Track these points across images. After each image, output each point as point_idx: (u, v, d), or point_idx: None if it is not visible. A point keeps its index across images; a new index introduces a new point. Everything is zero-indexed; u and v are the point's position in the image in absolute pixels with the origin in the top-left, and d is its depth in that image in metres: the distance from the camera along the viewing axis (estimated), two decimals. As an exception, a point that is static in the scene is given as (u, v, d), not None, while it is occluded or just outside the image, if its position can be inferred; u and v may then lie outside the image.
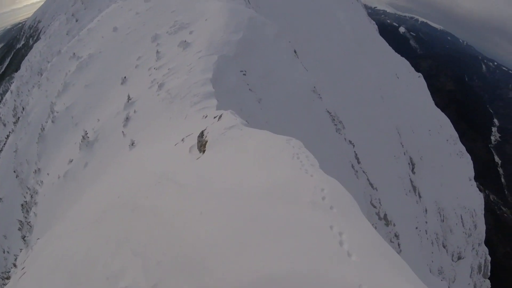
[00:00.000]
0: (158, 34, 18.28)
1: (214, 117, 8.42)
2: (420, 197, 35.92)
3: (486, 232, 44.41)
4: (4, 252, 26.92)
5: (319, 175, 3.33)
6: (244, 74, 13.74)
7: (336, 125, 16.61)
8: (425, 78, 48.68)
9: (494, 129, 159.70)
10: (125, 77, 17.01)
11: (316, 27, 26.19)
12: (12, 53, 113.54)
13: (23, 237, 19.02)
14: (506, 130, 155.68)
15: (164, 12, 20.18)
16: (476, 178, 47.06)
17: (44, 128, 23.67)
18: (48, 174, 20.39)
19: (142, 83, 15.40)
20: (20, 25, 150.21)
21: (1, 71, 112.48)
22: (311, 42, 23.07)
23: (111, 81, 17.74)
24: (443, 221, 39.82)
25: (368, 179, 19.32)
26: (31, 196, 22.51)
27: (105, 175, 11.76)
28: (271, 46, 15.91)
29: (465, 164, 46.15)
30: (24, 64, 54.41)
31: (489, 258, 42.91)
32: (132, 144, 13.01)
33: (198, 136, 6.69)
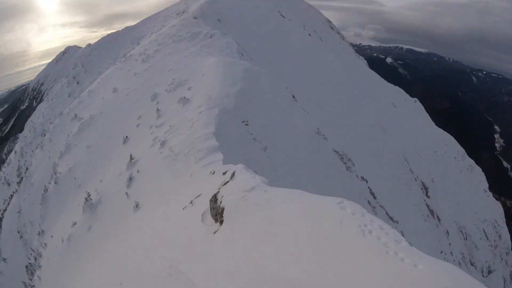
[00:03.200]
0: (157, 93, 18.60)
1: (223, 173, 7.88)
2: (439, 220, 34.61)
3: (512, 240, 42.56)
4: None
5: (427, 264, 2.31)
6: (247, 125, 13.64)
7: (345, 163, 16.22)
8: (420, 101, 49.38)
9: (496, 136, 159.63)
10: (126, 137, 16.98)
11: (309, 71, 26.85)
12: (17, 114, 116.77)
13: None
14: (508, 134, 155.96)
15: (161, 71, 20.76)
16: (490, 188, 46.11)
17: (47, 190, 23.33)
18: (52, 236, 19.71)
19: (144, 141, 15.30)
20: (24, 87, 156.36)
21: (6, 131, 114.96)
22: (306, 86, 23.48)
23: (113, 141, 17.70)
24: (466, 239, 38.15)
25: (387, 213, 18.48)
26: (35, 259, 21.60)
27: (108, 244, 10.99)
28: (269, 94, 16.04)
29: (478, 177, 45.48)
30: (28, 125, 55.57)
31: (519, 266, 40.54)
32: (136, 206, 12.55)
33: (211, 201, 5.64)
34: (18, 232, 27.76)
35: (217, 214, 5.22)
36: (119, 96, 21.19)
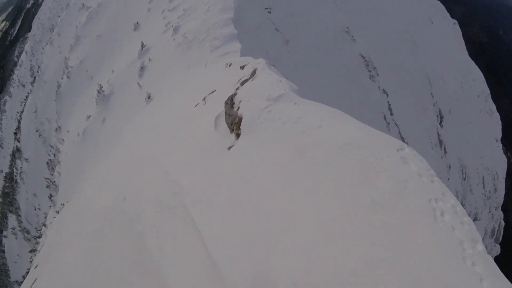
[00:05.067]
0: (169, -28, 16.50)
1: (241, 67, 7.03)
2: (445, 152, 34.53)
3: (504, 197, 43.21)
4: (35, 209, 28.56)
5: None
6: (269, 12, 12.20)
7: (370, 71, 15.05)
8: (457, 26, 44.31)
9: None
10: (137, 23, 15.76)
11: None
12: (23, 14, 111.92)
13: (50, 196, 19.61)
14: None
15: None
16: (501, 139, 44.81)
17: (60, 85, 23.32)
18: (68, 131, 20.40)
19: (156, 27, 14.18)
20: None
21: (15, 33, 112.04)
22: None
23: (123, 28, 16.56)
24: (464, 179, 38.69)
25: (399, 133, 18.02)
26: (54, 155, 22.93)
27: (120, 141, 10.64)
28: (298, -20, 13.97)
29: (494, 124, 43.78)
30: (35, 23, 53.38)
31: (503, 223, 42.05)
32: (148, 98, 12.28)
33: (226, 104, 4.66)
34: (37, 131, 28.94)
35: (233, 123, 4.28)
36: (127, -22, 19.08)
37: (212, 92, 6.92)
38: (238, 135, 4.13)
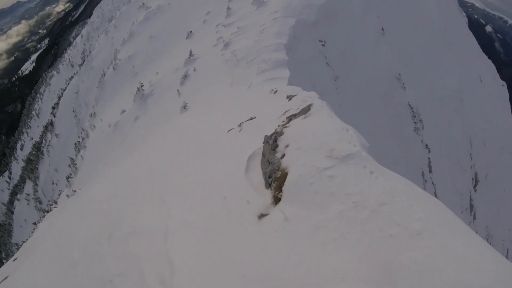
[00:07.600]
0: (231, -11, 16.90)
1: (288, 98, 6.36)
2: (474, 218, 32.30)
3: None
4: (53, 183, 29.36)
5: None
6: (323, 45, 11.93)
7: (415, 123, 14.29)
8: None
9: None
10: (190, 32, 16.07)
11: (403, 9, 22.76)
12: (87, 0, 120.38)
13: (68, 177, 19.91)
14: None
15: (240, -34, 18.60)
16: None
17: (105, 74, 24.19)
18: (101, 120, 20.88)
19: (208, 39, 14.30)
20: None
21: (76, 16, 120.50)
22: (394, 24, 20.03)
23: (176, 34, 16.95)
24: None
25: (435, 193, 16.85)
26: (83, 139, 23.59)
27: (143, 147, 9.62)
28: (357, 18, 13.75)
29: None
30: (96, 11, 56.76)
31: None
32: (184, 107, 12.14)
33: (267, 142, 3.48)
34: (73, 111, 30.16)
35: (272, 176, 3.01)
36: (190, -12, 19.77)
37: (251, 118, 6.00)
38: (277, 200, 2.77)
